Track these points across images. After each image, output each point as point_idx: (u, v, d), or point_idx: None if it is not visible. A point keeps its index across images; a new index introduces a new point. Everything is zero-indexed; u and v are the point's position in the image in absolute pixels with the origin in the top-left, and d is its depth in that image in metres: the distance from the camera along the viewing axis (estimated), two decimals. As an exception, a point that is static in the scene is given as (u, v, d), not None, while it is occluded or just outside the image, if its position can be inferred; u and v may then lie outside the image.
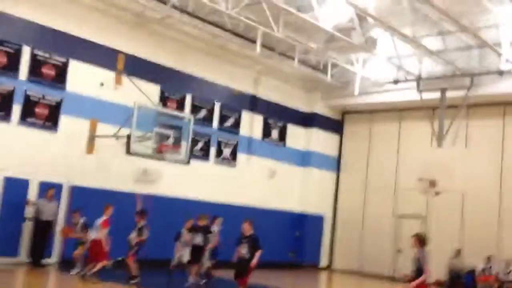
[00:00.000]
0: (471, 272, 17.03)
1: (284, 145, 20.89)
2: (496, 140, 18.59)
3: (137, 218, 12.69)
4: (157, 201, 15.72)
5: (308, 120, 21.68)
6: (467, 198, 18.35)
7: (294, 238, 20.70)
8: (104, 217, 12.58)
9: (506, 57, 16.29)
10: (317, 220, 21.43)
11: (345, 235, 21.66)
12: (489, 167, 18.42)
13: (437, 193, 16.95)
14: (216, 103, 18.53)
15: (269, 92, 20.24)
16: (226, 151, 18.79)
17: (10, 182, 13.64)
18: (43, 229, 13.73)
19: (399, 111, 20.97)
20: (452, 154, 18.30)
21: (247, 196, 18.94)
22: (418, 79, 18.68)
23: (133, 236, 12.53)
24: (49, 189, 13.96)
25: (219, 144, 18.55)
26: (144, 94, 15.29)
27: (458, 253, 17.42)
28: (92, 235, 12.64)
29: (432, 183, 16.91)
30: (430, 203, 19.20)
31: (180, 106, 17.39)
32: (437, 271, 17.56)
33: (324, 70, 19.55)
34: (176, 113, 16.06)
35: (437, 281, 17.40)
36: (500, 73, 17.01)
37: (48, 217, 13.82)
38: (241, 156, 19.28)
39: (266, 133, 20.24)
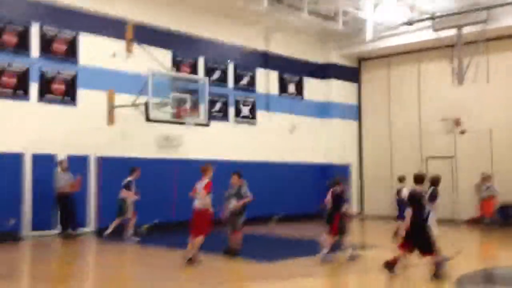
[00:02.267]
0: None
1: (302, 98, 20.75)
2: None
3: (235, 180, 11.23)
4: (181, 164, 15.93)
5: (324, 71, 21.44)
6: (494, 134, 18.09)
7: (322, 189, 20.68)
8: (205, 180, 10.32)
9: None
10: (344, 170, 21.40)
11: (373, 181, 21.64)
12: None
13: (462, 132, 16.80)
14: (229, 63, 18.40)
15: (282, 47, 20.01)
16: (245, 110, 18.76)
17: (37, 159, 13.89)
18: (63, 200, 13.92)
19: (417, 53, 20.58)
20: (474, 91, 18.04)
21: (269, 152, 19.02)
22: (433, 17, 18.22)
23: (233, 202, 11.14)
24: (61, 161, 14.14)
25: (236, 103, 18.51)
26: (156, 60, 15.22)
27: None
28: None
29: (457, 122, 16.77)
30: (457, 142, 19.01)
31: (194, 69, 17.34)
32: (468, 210, 17.54)
33: (335, 19, 19.16)
34: (190, 76, 16.04)
35: (472, 219, 17.39)
36: (517, 3, 16.50)
37: (65, 188, 13.94)
38: (260, 114, 19.24)
39: (283, 88, 20.10)
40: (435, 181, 11.08)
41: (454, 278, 8.88)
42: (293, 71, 20.46)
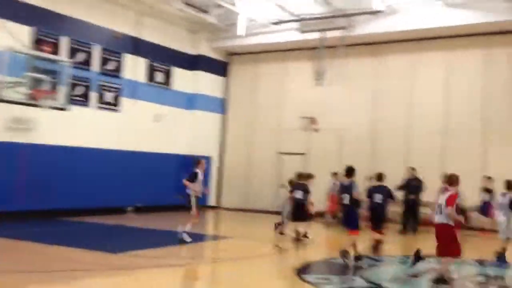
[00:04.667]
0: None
1: (170, 88, 20.69)
2: (371, 78, 19.65)
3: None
4: (36, 149, 15.15)
5: (193, 62, 21.52)
6: (345, 134, 19.42)
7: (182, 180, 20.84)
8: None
9: (379, -2, 17.06)
10: (205, 162, 21.69)
11: (232, 175, 22.21)
12: (366, 103, 19.53)
13: (316, 130, 17.76)
14: (95, 45, 17.79)
15: (153, 34, 19.74)
16: (109, 96, 18.25)
17: None
18: None
19: (283, 52, 21.43)
20: (331, 92, 19.21)
21: (133, 141, 18.73)
22: (299, 20, 19.09)
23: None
24: None
25: (100, 88, 17.95)
26: (14, 36, 14.31)
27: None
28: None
29: (313, 121, 17.75)
30: (311, 140, 20.15)
31: (56, 49, 16.49)
32: (318, 204, 18.60)
33: (208, 11, 19.34)
34: (51, 56, 15.23)
35: (317, 212, 18.50)
36: (373, 13, 17.81)
37: None
38: (125, 101, 18.83)
39: (151, 76, 19.87)
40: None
41: (298, 267, 9.47)
42: (162, 59, 20.29)
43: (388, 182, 12.40)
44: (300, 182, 13.56)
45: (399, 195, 15.21)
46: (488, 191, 15.30)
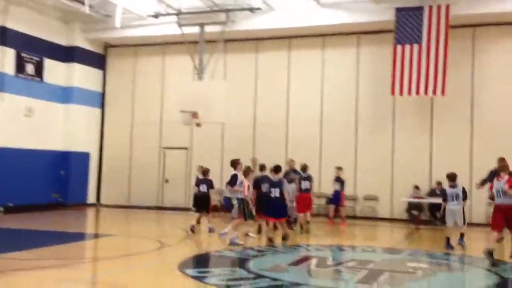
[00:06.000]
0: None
1: (42, 81, 19.59)
2: (251, 72, 20.07)
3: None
4: None
5: (68, 54, 20.56)
6: (228, 127, 19.68)
7: (58, 177, 19.97)
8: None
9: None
10: (83, 158, 20.93)
11: (112, 171, 21.60)
12: (247, 97, 19.93)
13: (198, 125, 17.80)
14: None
15: (22, 23, 18.57)
16: (-27, 89, 16.93)
17: None
18: None
19: (162, 46, 21.18)
20: (213, 86, 19.29)
21: (2, 137, 17.56)
22: (179, 13, 18.95)
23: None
24: None
25: (-37, 81, 16.59)
26: None
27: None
28: None
29: (194, 115, 17.70)
30: (193, 134, 20.19)
31: None
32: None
33: (82, 1, 18.56)
34: None
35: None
36: (252, 10, 18.19)
37: None
38: (-8, 94, 17.59)
39: (20, 68, 18.67)
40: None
41: (178, 262, 9.46)
42: (33, 50, 19.14)
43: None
44: (205, 177, 14.65)
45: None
46: (339, 180, 16.17)
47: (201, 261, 10.18)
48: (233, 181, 12.07)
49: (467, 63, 17.64)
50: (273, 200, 12.05)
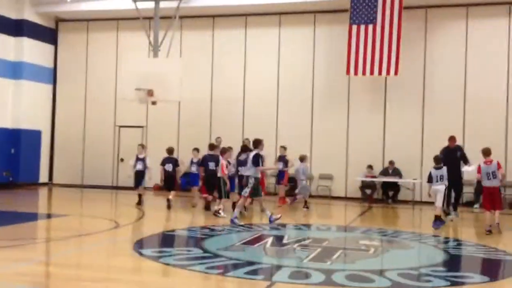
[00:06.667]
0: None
1: (-11, 55, 18.89)
2: (208, 50, 19.87)
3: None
4: None
5: (16, 28, 19.85)
6: (184, 105, 19.50)
7: (9, 156, 19.42)
8: None
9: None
10: (34, 136, 20.38)
11: (65, 149, 21.17)
12: (204, 75, 19.75)
13: (154, 103, 17.53)
14: None
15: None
16: None
17: None
18: None
19: (116, 21, 20.72)
20: (167, 64, 19.00)
21: None
22: (132, -13, 18.49)
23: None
24: None
25: None
26: None
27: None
28: None
29: (150, 93, 17.42)
30: (149, 112, 19.92)
31: None
32: (154, 178, 18.69)
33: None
34: None
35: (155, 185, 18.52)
36: (208, -14, 17.96)
37: None
38: None
39: (-34, 42, 17.95)
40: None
41: (133, 242, 9.40)
42: (-20, 24, 18.42)
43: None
44: (171, 156, 15.14)
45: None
46: (282, 160, 16.30)
47: (157, 241, 10.13)
48: (256, 160, 12.12)
49: (419, 44, 17.97)
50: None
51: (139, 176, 15.31)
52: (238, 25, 19.66)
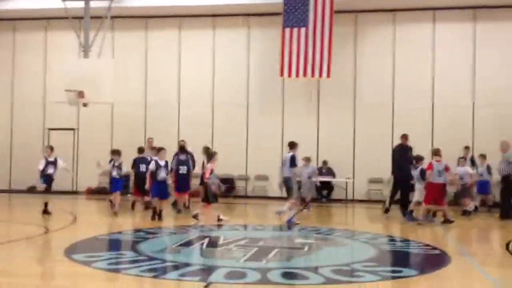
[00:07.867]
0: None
1: None
2: (142, 51, 19.60)
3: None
4: None
5: None
6: (117, 107, 19.13)
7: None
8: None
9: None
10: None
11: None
12: (138, 77, 19.46)
13: (85, 105, 17.09)
14: None
15: None
16: None
17: None
18: None
19: (44, 20, 20.09)
20: (99, 65, 18.56)
21: None
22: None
23: None
24: None
25: None
26: None
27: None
28: None
29: (81, 94, 16.98)
30: (80, 114, 19.40)
31: None
32: (89, 181, 18.24)
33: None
34: None
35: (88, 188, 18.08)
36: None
37: None
38: None
39: None
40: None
41: (64, 247, 9.13)
42: None
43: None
44: (143, 156, 14.66)
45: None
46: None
47: (89, 246, 9.87)
48: (292, 162, 12.37)
49: (350, 47, 18.49)
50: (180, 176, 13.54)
51: (51, 180, 13.87)
52: (172, 27, 19.52)
